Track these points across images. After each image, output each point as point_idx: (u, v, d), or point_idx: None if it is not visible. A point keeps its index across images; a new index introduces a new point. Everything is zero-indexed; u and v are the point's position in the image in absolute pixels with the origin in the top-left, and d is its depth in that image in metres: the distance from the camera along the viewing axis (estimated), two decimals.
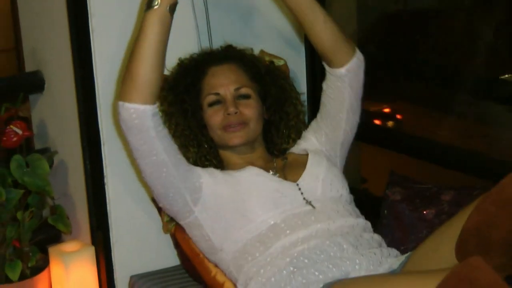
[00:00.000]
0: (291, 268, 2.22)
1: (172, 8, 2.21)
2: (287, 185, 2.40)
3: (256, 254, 2.30)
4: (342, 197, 2.45)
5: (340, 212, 2.38)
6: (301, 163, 2.50)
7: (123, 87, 2.24)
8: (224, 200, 2.37)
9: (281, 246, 2.28)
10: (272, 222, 2.32)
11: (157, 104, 2.28)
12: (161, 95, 2.48)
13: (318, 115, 2.59)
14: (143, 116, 2.21)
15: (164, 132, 2.29)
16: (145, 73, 2.20)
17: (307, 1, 2.36)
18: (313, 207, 2.36)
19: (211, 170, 2.44)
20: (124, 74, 2.27)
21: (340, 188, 2.46)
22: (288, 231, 2.29)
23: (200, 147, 2.50)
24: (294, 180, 2.43)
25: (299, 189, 2.41)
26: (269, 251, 2.28)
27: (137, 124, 2.22)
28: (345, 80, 2.46)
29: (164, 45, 2.24)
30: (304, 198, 2.38)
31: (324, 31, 2.39)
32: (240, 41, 2.72)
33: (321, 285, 2.14)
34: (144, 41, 2.21)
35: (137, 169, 2.65)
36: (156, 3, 2.17)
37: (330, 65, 2.46)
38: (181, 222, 2.46)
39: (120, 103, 2.23)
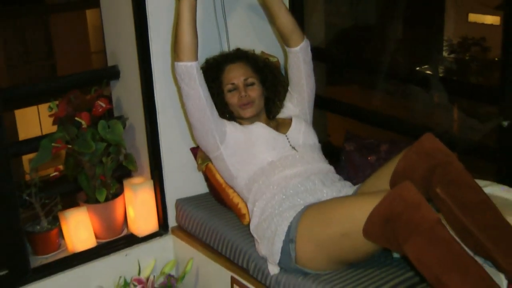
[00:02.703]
0: (282, 196, 2.21)
1: None
2: (280, 136, 2.38)
3: (260, 182, 2.29)
4: (315, 144, 2.44)
5: (315, 159, 2.36)
6: (288, 123, 2.47)
7: (176, 53, 2.27)
8: (241, 142, 2.34)
9: (276, 180, 2.26)
10: (270, 159, 2.31)
11: (198, 61, 2.28)
12: None
13: (289, 87, 2.57)
14: (190, 69, 2.24)
15: (205, 85, 2.29)
16: (185, 40, 2.22)
17: (276, 1, 2.41)
18: (296, 150, 2.34)
19: (233, 123, 2.41)
20: (174, 45, 2.29)
21: (313, 138, 2.45)
22: (280, 169, 2.27)
23: (224, 117, 2.44)
24: (285, 133, 2.40)
25: (287, 138, 2.38)
26: (268, 182, 2.27)
27: (188, 74, 2.24)
28: (299, 56, 2.46)
29: (194, 21, 2.24)
30: (290, 145, 2.36)
31: (286, 20, 2.42)
32: (249, 45, 2.64)
33: (303, 207, 2.12)
34: (180, 21, 2.23)
35: (183, 129, 2.65)
36: None
37: (288, 46, 2.47)
38: (211, 156, 2.43)
39: (176, 63, 2.26)
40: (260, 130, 2.37)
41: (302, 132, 2.42)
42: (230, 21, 2.67)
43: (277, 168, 2.28)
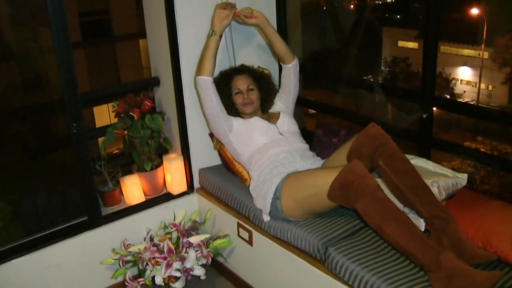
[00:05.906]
0: (271, 166, 2.15)
1: (220, 36, 2.21)
2: (271, 125, 2.31)
3: (257, 157, 2.22)
4: (295, 131, 2.36)
5: (295, 140, 2.29)
6: (277, 116, 2.39)
7: (198, 69, 2.20)
8: (243, 131, 2.27)
9: (267, 156, 2.20)
10: (264, 142, 2.23)
11: (213, 78, 2.21)
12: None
13: (280, 90, 2.48)
14: (207, 81, 2.17)
15: (216, 93, 2.22)
16: (207, 63, 2.17)
17: (272, 33, 2.31)
18: (283, 135, 2.27)
19: (237, 118, 2.33)
20: (198, 65, 2.24)
21: (295, 126, 2.37)
22: (271, 148, 2.21)
23: (231, 112, 2.36)
24: (274, 123, 2.33)
25: (277, 127, 2.30)
26: (262, 157, 2.20)
27: (205, 85, 2.17)
28: (291, 70, 2.37)
29: (216, 52, 2.20)
30: (278, 131, 2.28)
31: (280, 47, 2.32)
32: (249, 62, 2.57)
33: (286, 175, 2.08)
34: (207, 50, 2.18)
35: (203, 121, 2.56)
36: (213, 33, 2.19)
37: (283, 63, 2.38)
38: (222, 141, 2.35)
39: (197, 77, 2.18)
40: (256, 122, 2.30)
41: (287, 123, 2.36)
42: (236, 46, 2.60)
43: (269, 148, 2.22)
